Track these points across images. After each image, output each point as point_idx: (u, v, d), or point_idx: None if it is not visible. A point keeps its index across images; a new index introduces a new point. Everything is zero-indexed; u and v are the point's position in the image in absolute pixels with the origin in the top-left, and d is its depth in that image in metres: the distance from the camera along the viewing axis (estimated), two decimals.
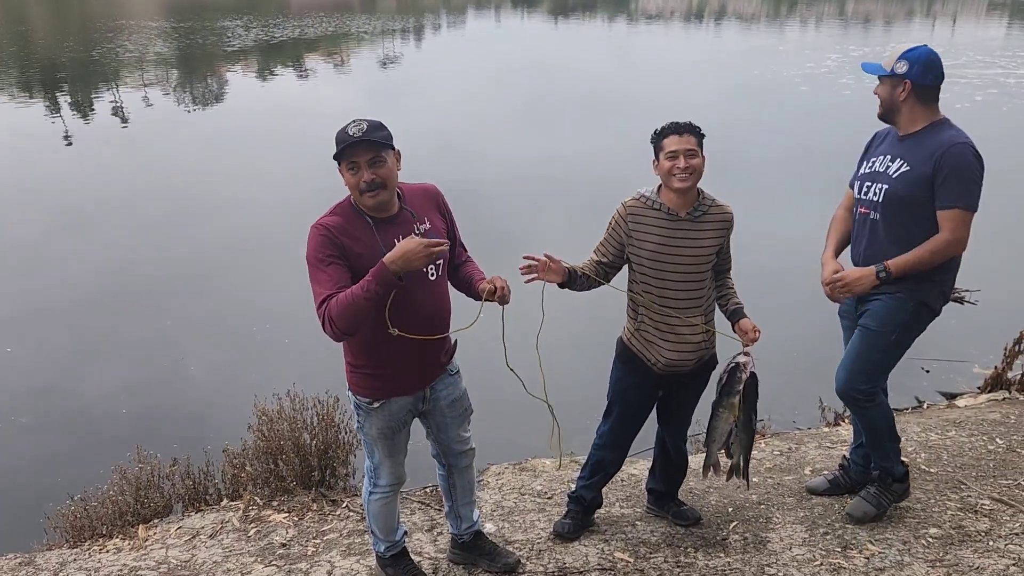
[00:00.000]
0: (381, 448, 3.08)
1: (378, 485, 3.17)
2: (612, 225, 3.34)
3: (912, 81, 3.27)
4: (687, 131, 3.18)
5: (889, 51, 3.36)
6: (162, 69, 22.28)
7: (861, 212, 3.47)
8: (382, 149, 2.74)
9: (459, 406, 3.18)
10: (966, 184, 3.17)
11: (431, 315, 2.93)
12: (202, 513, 4.14)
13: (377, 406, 2.98)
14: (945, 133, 3.24)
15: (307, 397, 4.39)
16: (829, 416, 5.45)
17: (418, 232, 2.87)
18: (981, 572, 3.22)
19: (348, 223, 2.79)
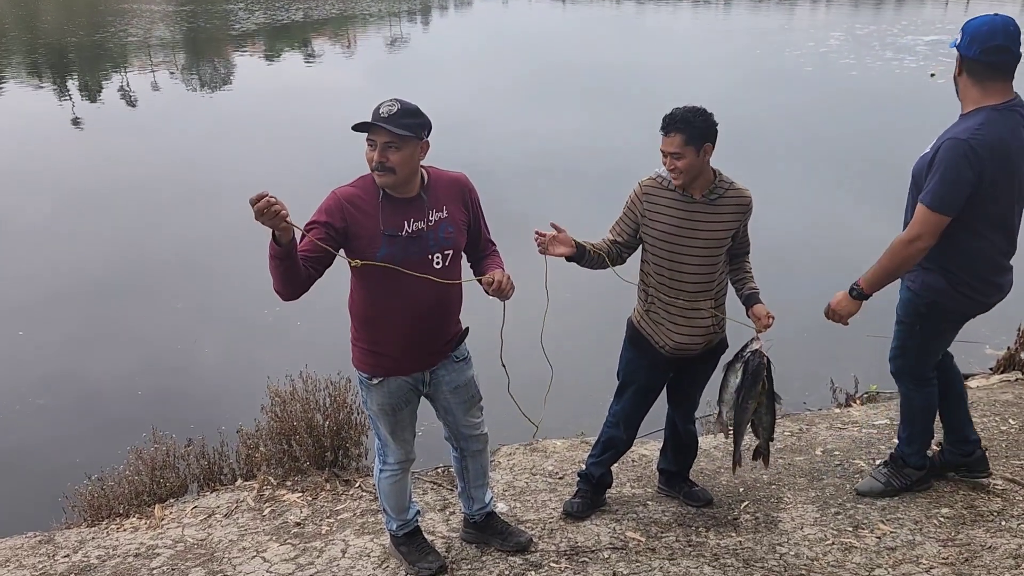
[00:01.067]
0: (384, 424, 3.11)
1: (387, 463, 3.20)
2: (628, 204, 3.34)
3: (960, 55, 3.00)
4: (674, 130, 3.11)
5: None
6: (169, 52, 22.26)
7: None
8: (400, 137, 2.73)
9: (464, 393, 3.17)
10: (939, 182, 2.97)
11: (431, 302, 2.93)
12: (217, 493, 4.18)
13: (376, 382, 3.00)
14: (962, 124, 3.01)
15: (319, 378, 4.42)
16: (840, 397, 5.44)
17: (430, 220, 2.88)
18: (993, 551, 3.23)
19: (362, 195, 2.83)
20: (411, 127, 2.74)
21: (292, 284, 2.69)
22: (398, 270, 2.79)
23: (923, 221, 3.03)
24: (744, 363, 3.20)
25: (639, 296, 3.44)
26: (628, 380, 3.54)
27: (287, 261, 2.61)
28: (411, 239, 2.84)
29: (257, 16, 28.99)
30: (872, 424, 4.68)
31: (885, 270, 3.16)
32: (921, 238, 3.05)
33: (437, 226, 2.90)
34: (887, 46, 20.72)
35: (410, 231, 2.84)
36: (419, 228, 2.86)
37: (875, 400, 5.30)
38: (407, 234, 2.83)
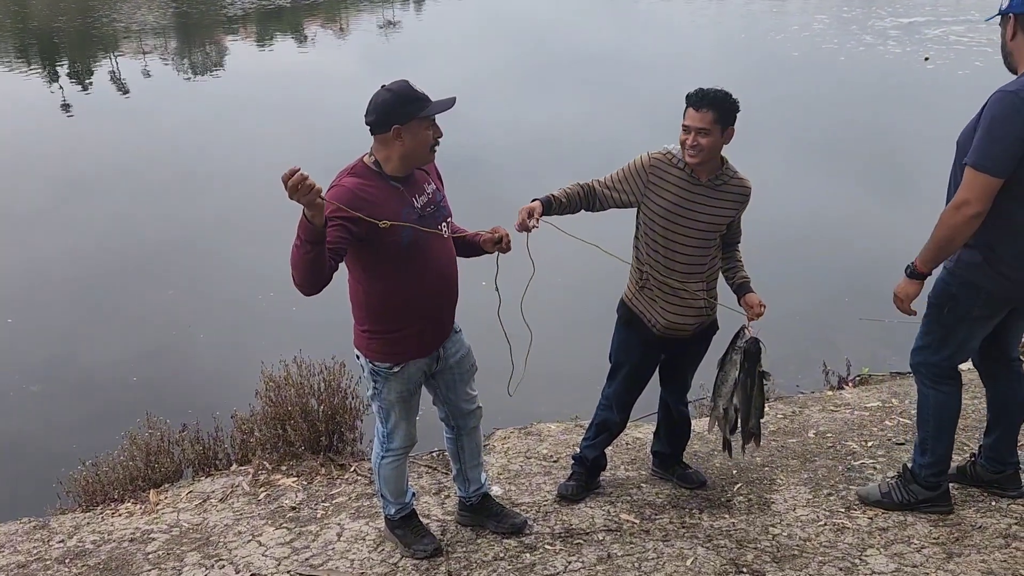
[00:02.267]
0: (398, 411, 3.12)
1: (391, 449, 3.20)
2: (633, 168, 3.29)
3: (1016, 14, 2.77)
4: (707, 106, 3.10)
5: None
6: (160, 38, 22.08)
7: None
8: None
9: (466, 362, 3.24)
10: (986, 139, 2.73)
11: (447, 272, 3.00)
12: (212, 478, 4.19)
13: (397, 370, 3.01)
14: (1013, 81, 2.78)
15: (313, 363, 4.42)
16: (833, 380, 5.48)
17: (428, 193, 2.95)
18: (983, 531, 3.25)
19: (369, 183, 2.82)
20: None
21: (319, 274, 2.62)
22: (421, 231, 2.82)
23: (970, 184, 2.76)
24: (743, 352, 3.22)
25: (632, 274, 3.45)
26: (621, 361, 3.56)
27: (318, 247, 2.54)
28: (427, 214, 2.90)
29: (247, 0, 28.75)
30: (864, 407, 4.71)
31: (936, 243, 2.91)
32: (969, 203, 2.77)
33: (435, 197, 2.98)
34: (867, 29, 20.69)
35: (419, 206, 2.89)
36: (426, 202, 2.92)
37: (867, 383, 5.34)
38: (421, 208, 2.89)
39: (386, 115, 2.77)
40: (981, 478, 3.51)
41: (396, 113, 2.76)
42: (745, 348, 3.21)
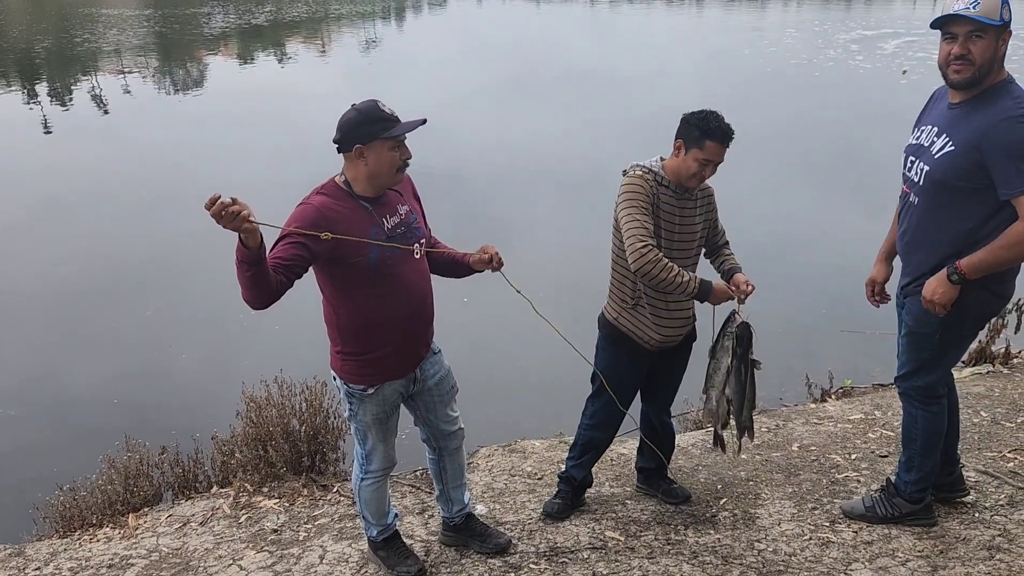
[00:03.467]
0: (375, 433, 3.08)
1: (370, 471, 3.17)
2: (642, 193, 3.17)
3: (1009, 28, 2.73)
4: (730, 141, 3.13)
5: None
6: (140, 56, 22.01)
7: (904, 190, 3.08)
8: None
9: (446, 384, 3.21)
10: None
11: (421, 294, 2.97)
12: (192, 501, 4.13)
13: (372, 392, 2.97)
14: (1000, 103, 2.74)
15: (295, 383, 4.38)
16: (816, 392, 5.49)
17: (401, 214, 2.91)
18: (967, 543, 3.26)
19: (338, 203, 2.79)
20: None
21: (262, 292, 2.56)
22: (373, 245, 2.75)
23: None
24: (735, 338, 3.14)
25: (616, 294, 3.42)
26: (608, 379, 3.52)
27: (255, 267, 2.48)
28: (397, 235, 2.87)
29: (228, 18, 28.75)
30: (847, 419, 4.72)
31: (1000, 260, 2.80)
32: None
33: (408, 218, 2.94)
34: (831, 43, 21.00)
35: (391, 226, 2.86)
36: (397, 222, 2.89)
37: (850, 395, 5.36)
38: (390, 229, 2.85)
39: (350, 134, 2.75)
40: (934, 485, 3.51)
41: (359, 133, 2.74)
42: (737, 333, 3.14)
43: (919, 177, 2.94)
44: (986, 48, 2.74)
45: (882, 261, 3.41)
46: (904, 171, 3.06)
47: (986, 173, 2.74)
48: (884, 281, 3.40)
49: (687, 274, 3.13)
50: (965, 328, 3.08)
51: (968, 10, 2.71)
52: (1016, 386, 5.01)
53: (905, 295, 3.14)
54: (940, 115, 2.94)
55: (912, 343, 3.13)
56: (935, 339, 3.05)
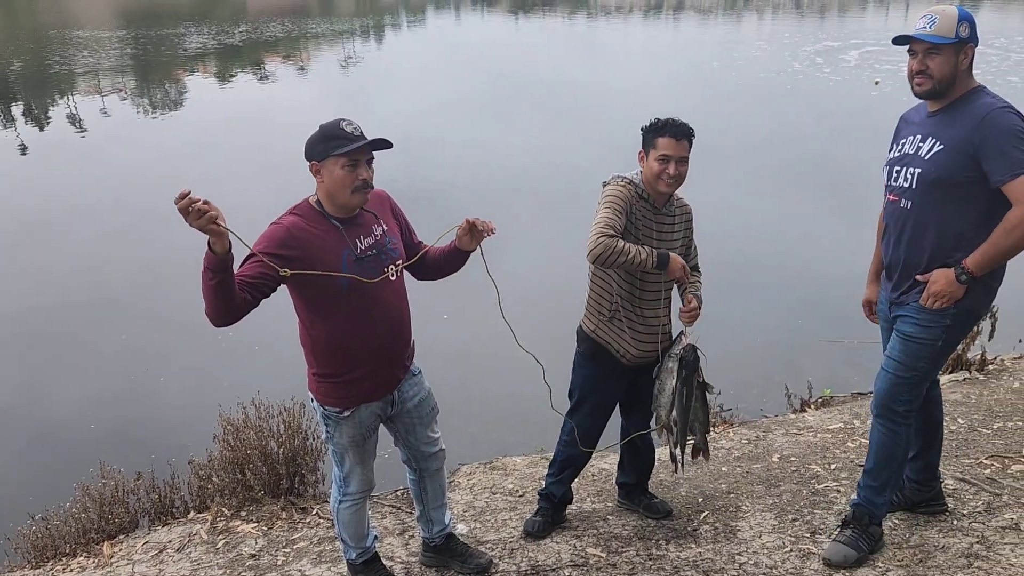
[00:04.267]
0: (352, 456, 3.05)
1: (348, 493, 3.13)
2: (621, 204, 3.18)
3: (974, 46, 2.90)
4: (684, 136, 3.15)
5: (930, 18, 2.90)
6: (118, 77, 21.89)
7: (890, 200, 3.11)
8: (378, 151, 2.78)
9: (426, 405, 3.17)
10: (1019, 147, 2.76)
11: (397, 316, 2.94)
12: (169, 527, 4.07)
13: (347, 415, 2.94)
14: (981, 101, 2.88)
15: (272, 405, 4.34)
16: (795, 403, 5.51)
17: (376, 234, 2.88)
18: (946, 551, 3.26)
19: (310, 223, 2.77)
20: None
21: (225, 305, 2.53)
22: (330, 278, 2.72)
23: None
24: (679, 360, 3.17)
25: (594, 306, 3.42)
26: (586, 394, 3.51)
27: (220, 275, 2.45)
28: (369, 257, 2.84)
29: (204, 38, 28.70)
30: (827, 429, 4.74)
31: (1002, 250, 2.83)
32: None
33: (384, 239, 2.91)
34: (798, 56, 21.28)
35: (364, 248, 2.83)
36: (371, 244, 2.86)
37: (829, 404, 5.38)
38: (363, 252, 2.82)
39: (308, 151, 2.75)
40: (911, 500, 3.54)
41: (315, 150, 2.73)
42: (681, 355, 3.16)
43: (910, 182, 2.99)
44: (943, 63, 2.89)
45: (873, 282, 3.42)
46: (889, 183, 3.11)
47: (977, 166, 2.82)
48: (878, 301, 3.41)
49: (644, 249, 3.11)
50: (962, 335, 3.12)
51: (924, 30, 2.90)
52: (992, 392, 5.05)
53: (901, 302, 3.11)
54: (921, 125, 3.03)
55: (909, 352, 3.05)
56: (937, 346, 3.02)
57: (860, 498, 3.30)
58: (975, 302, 2.98)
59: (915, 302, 3.03)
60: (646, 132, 3.23)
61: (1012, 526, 3.40)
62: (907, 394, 3.11)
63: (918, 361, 3.05)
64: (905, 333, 3.07)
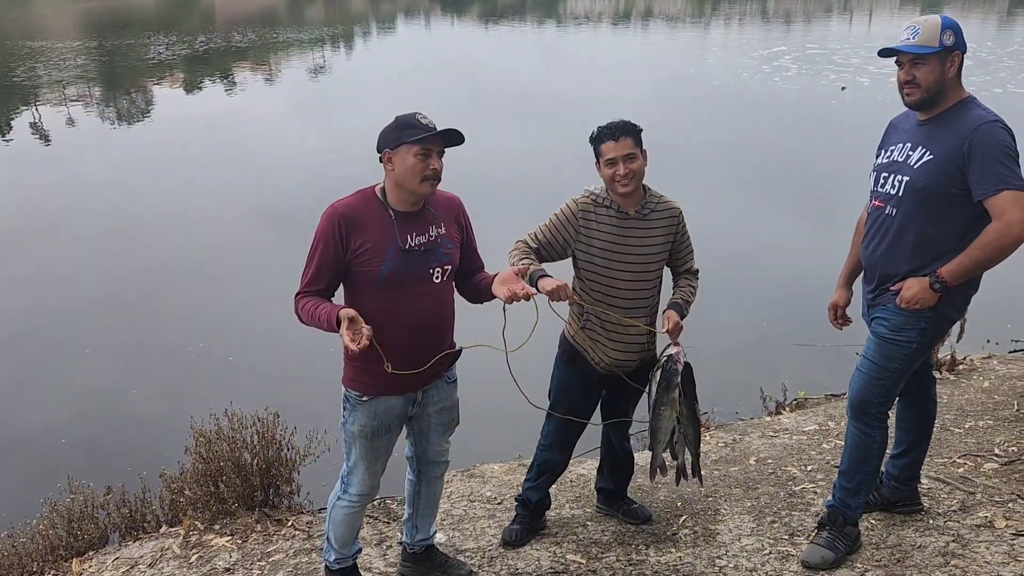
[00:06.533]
0: (359, 448, 3.01)
1: (347, 493, 3.10)
2: (562, 219, 3.29)
3: (961, 53, 2.91)
4: (623, 133, 3.15)
5: (913, 29, 2.93)
6: (84, 86, 21.59)
7: (875, 206, 3.11)
8: (450, 144, 2.82)
9: (447, 415, 3.16)
10: (1006, 163, 2.78)
11: (431, 316, 2.93)
12: (140, 542, 3.99)
13: (366, 400, 2.94)
14: (972, 113, 2.89)
15: (246, 415, 4.26)
16: (771, 405, 5.54)
17: (431, 235, 2.89)
18: (923, 550, 3.29)
19: (363, 207, 2.83)
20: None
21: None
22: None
23: (1020, 203, 2.76)
24: (659, 369, 3.16)
25: (573, 312, 3.42)
26: (560, 399, 3.51)
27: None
28: (415, 253, 2.85)
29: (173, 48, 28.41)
30: (802, 431, 4.77)
31: (979, 263, 2.87)
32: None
33: (438, 241, 2.91)
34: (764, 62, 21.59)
35: (414, 245, 2.85)
36: (421, 242, 2.87)
37: (804, 406, 5.42)
38: (410, 248, 2.84)
39: (381, 140, 2.82)
40: (887, 499, 3.56)
41: (389, 138, 2.81)
42: (661, 364, 3.15)
43: (897, 189, 3.00)
44: (929, 72, 2.91)
45: (843, 286, 3.44)
46: (876, 188, 3.12)
47: (964, 178, 2.84)
48: (846, 305, 3.43)
49: (529, 262, 3.16)
50: (936, 339, 3.15)
51: (908, 41, 2.93)
52: (963, 392, 5.12)
53: (876, 303, 3.13)
54: (911, 132, 3.05)
55: (884, 353, 3.08)
56: (912, 348, 3.04)
57: (835, 499, 3.32)
58: (951, 307, 3.02)
59: (891, 303, 3.05)
60: (592, 144, 3.24)
61: (986, 524, 3.43)
62: (881, 395, 3.13)
63: (892, 362, 3.07)
64: (880, 334, 3.09)
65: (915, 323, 3.00)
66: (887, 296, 3.08)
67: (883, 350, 3.08)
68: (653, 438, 3.24)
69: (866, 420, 3.17)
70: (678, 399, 3.12)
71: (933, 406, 3.47)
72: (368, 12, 48.36)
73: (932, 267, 2.94)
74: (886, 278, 3.09)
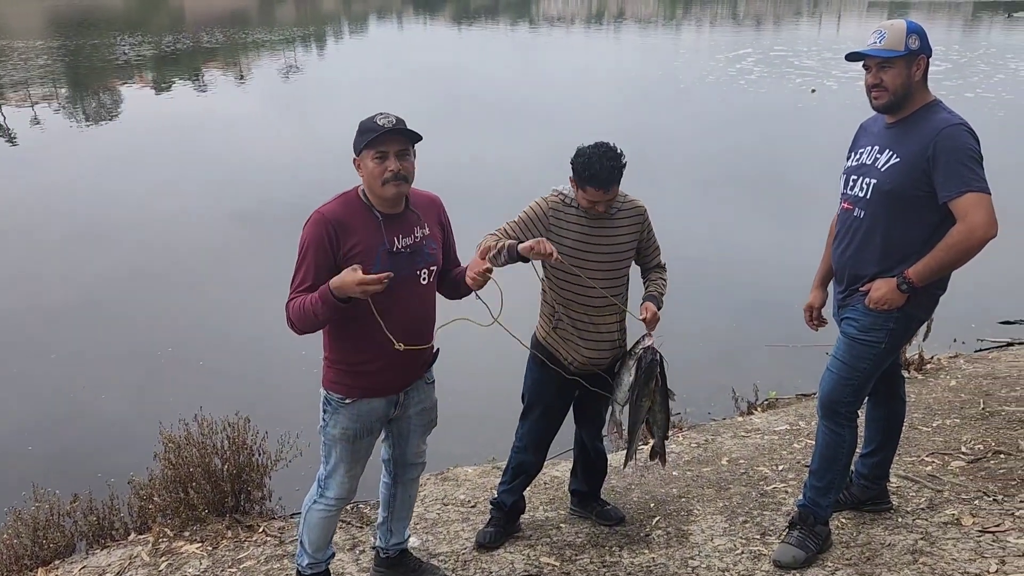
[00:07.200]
0: (339, 451, 2.99)
1: (324, 496, 3.07)
2: (531, 216, 3.29)
3: (927, 56, 2.96)
4: (613, 183, 3.15)
5: (879, 34, 2.97)
6: (50, 86, 21.22)
7: (844, 208, 3.16)
8: (411, 142, 2.78)
9: (427, 416, 3.16)
10: (969, 166, 2.83)
11: (419, 319, 2.94)
12: (108, 550, 3.92)
13: (348, 403, 2.92)
14: (937, 116, 2.94)
15: (216, 420, 4.21)
16: (742, 406, 5.58)
17: (416, 236, 2.88)
18: (892, 548, 3.33)
19: (349, 213, 2.81)
20: (415, 133, 2.80)
21: (316, 328, 2.81)
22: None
23: (982, 205, 2.81)
24: (637, 360, 3.18)
25: (543, 313, 3.43)
26: (534, 400, 3.51)
27: (332, 316, 2.71)
28: (402, 255, 2.84)
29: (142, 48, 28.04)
30: (773, 431, 4.81)
31: (943, 263, 2.90)
32: (988, 224, 2.82)
33: (423, 242, 2.91)
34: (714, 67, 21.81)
35: (400, 247, 2.84)
36: (408, 244, 2.86)
37: (775, 406, 5.46)
38: (398, 250, 2.83)
39: (354, 148, 2.81)
40: (858, 499, 3.59)
41: (355, 145, 2.79)
42: (639, 356, 3.17)
43: (866, 191, 3.04)
44: (896, 76, 2.96)
45: (818, 287, 3.48)
46: (845, 191, 3.16)
47: (929, 181, 2.89)
48: (821, 306, 3.47)
49: (504, 241, 3.16)
50: (905, 339, 3.20)
51: (874, 45, 2.96)
52: (931, 391, 5.19)
53: (846, 304, 3.17)
54: (879, 135, 3.09)
55: (854, 353, 3.12)
56: (881, 348, 3.08)
57: (806, 499, 3.35)
58: (918, 308, 3.06)
59: (860, 304, 3.09)
60: (576, 169, 3.17)
61: (954, 521, 3.48)
62: (850, 395, 3.17)
63: (861, 362, 3.11)
64: (850, 335, 3.13)
65: (883, 323, 3.05)
66: (856, 297, 3.12)
67: (853, 350, 3.12)
68: (632, 430, 3.28)
69: (836, 420, 3.20)
70: (655, 390, 3.18)
71: (902, 405, 3.51)
72: (340, 12, 48.13)
73: (900, 268, 2.98)
74: (855, 279, 3.13)
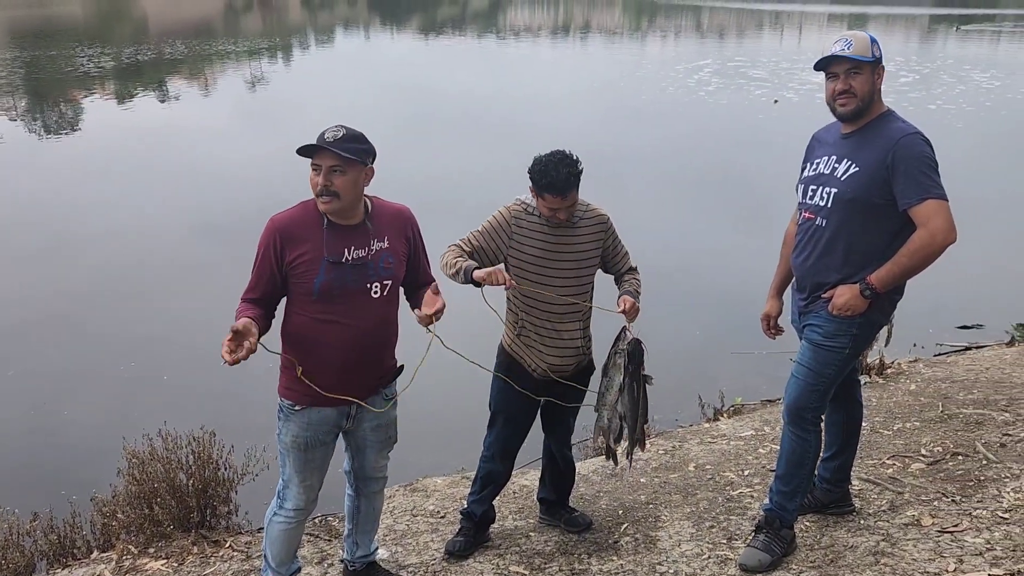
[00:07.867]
0: (292, 460, 2.97)
1: (283, 508, 3.05)
2: (495, 225, 3.33)
3: (882, 65, 3.06)
4: (570, 188, 3.18)
5: (846, 41, 3.03)
6: (8, 97, 20.84)
7: (805, 217, 3.20)
8: (346, 161, 2.74)
9: (383, 433, 3.13)
10: (928, 173, 2.91)
11: (368, 333, 2.90)
12: (69, 569, 3.86)
13: (298, 409, 2.90)
14: (893, 125, 3.02)
15: (181, 435, 4.17)
16: (709, 412, 5.64)
17: (372, 249, 2.87)
18: (855, 550, 3.38)
19: (302, 220, 2.83)
20: (356, 152, 2.76)
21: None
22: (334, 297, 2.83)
23: (941, 212, 2.88)
24: (626, 354, 3.19)
25: (508, 321, 3.46)
26: (500, 408, 3.53)
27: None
28: (351, 267, 2.82)
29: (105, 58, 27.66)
30: (739, 436, 4.87)
31: (906, 269, 2.97)
32: (948, 230, 2.89)
33: (378, 256, 2.89)
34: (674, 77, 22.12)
35: (351, 259, 2.82)
36: (360, 256, 2.85)
37: (740, 412, 5.53)
38: (347, 262, 2.81)
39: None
40: (821, 502, 3.64)
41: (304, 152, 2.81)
42: (628, 350, 3.19)
43: (826, 201, 3.09)
44: (864, 82, 3.03)
45: (774, 296, 3.54)
46: (805, 200, 3.21)
47: (889, 189, 2.96)
48: (778, 315, 3.54)
49: (463, 262, 3.20)
50: (866, 344, 3.26)
51: (844, 50, 3.02)
52: (891, 395, 5.29)
53: (808, 311, 3.22)
54: (835, 146, 3.15)
55: (818, 359, 3.16)
56: (844, 353, 3.13)
57: (772, 503, 3.40)
58: (879, 313, 3.13)
59: (823, 311, 3.15)
60: (532, 177, 3.22)
61: (914, 523, 3.55)
62: (816, 400, 3.23)
63: (827, 368, 3.17)
64: (814, 341, 3.18)
65: (847, 329, 3.11)
66: (819, 304, 3.17)
67: (818, 356, 3.17)
68: (632, 424, 3.29)
69: (802, 425, 3.25)
70: (623, 365, 3.20)
71: (859, 408, 3.58)
72: (306, 23, 47.89)
73: (861, 275, 3.05)
74: (818, 287, 3.19)
